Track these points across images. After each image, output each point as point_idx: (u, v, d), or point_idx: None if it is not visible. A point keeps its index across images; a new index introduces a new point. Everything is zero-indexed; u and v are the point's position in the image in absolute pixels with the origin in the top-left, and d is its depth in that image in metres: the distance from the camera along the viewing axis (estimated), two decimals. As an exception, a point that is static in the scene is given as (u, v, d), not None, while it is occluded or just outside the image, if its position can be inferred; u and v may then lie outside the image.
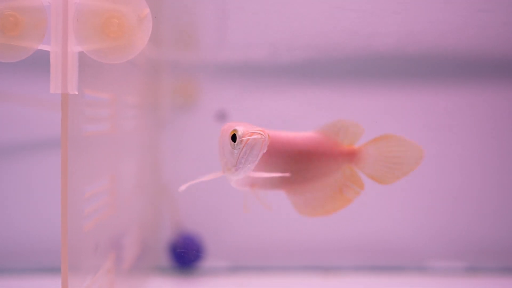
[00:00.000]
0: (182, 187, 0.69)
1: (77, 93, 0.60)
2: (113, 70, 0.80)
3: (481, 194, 1.33)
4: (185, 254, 1.26)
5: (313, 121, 1.30)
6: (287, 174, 0.71)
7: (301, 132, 0.77)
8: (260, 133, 0.63)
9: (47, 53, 0.57)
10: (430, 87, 1.32)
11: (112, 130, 0.82)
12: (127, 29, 0.57)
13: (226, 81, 1.33)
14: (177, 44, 1.32)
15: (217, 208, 1.32)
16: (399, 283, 1.26)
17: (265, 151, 0.66)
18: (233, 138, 0.64)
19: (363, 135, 0.77)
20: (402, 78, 1.33)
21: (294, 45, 1.30)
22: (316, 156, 0.74)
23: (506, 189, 1.33)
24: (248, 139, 0.62)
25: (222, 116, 1.33)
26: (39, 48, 0.57)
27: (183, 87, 1.34)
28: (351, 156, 0.74)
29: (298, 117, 1.33)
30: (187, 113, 1.33)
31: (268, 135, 0.64)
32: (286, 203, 1.30)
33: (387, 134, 0.75)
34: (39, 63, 0.62)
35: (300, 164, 0.74)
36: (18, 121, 1.25)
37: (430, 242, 1.33)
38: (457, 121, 1.33)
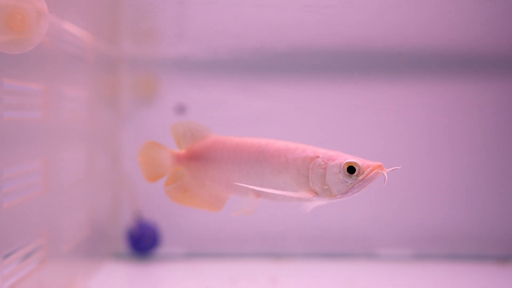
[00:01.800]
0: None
1: (-12, 81, 0.67)
2: (45, 62, 0.86)
3: (426, 184, 1.38)
4: (141, 241, 1.32)
5: (272, 115, 1.36)
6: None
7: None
8: (380, 167, 0.70)
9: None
10: (396, 81, 1.37)
11: (45, 118, 0.88)
12: (28, 24, 0.64)
13: (185, 75, 1.39)
14: (137, 39, 1.38)
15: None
16: (348, 269, 1.30)
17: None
18: (350, 169, 0.68)
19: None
20: (371, 73, 1.38)
21: (252, 40, 1.35)
22: None
23: (450, 178, 1.38)
24: (368, 174, 0.67)
25: (181, 110, 1.39)
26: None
27: (143, 81, 1.40)
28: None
29: (258, 110, 1.38)
30: (147, 106, 1.39)
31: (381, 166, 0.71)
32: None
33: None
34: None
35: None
36: None
37: (378, 231, 1.38)
38: (407, 111, 1.37)
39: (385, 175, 0.68)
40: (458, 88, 1.36)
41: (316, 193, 0.71)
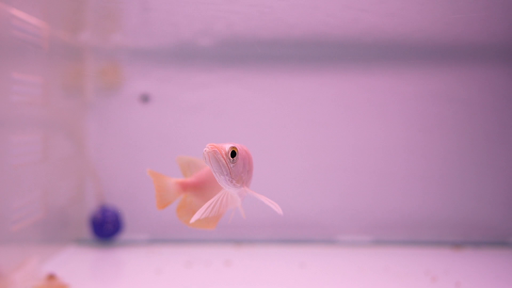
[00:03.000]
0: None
1: None
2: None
3: (385, 171, 1.40)
4: (103, 226, 1.35)
5: (235, 105, 1.39)
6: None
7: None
8: (218, 147, 0.71)
9: None
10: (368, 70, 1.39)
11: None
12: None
13: (150, 65, 1.41)
14: (100, 28, 1.40)
15: (137, 183, 1.40)
16: (306, 253, 1.33)
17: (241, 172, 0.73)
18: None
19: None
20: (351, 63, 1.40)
21: (217, 29, 1.37)
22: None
23: (407, 165, 1.40)
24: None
25: (145, 99, 1.41)
26: None
27: (107, 70, 1.42)
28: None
29: (221, 101, 1.41)
30: (111, 95, 1.42)
31: (235, 152, 0.72)
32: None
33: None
34: None
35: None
36: None
37: (338, 218, 1.41)
38: (364, 98, 1.40)
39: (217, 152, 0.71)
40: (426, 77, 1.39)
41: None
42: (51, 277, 1.03)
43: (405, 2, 1.21)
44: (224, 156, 0.72)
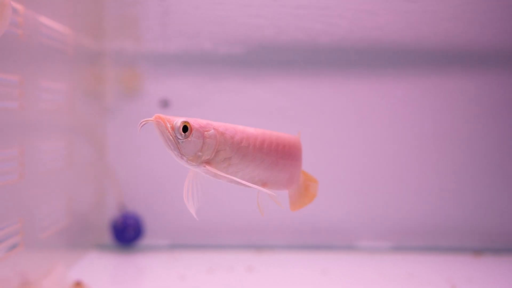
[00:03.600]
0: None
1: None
2: (20, 54, 0.89)
3: (405, 177, 1.40)
4: (125, 232, 1.35)
5: (255, 109, 1.39)
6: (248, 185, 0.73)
7: (284, 134, 0.81)
8: (161, 117, 0.69)
9: None
10: (397, 76, 1.39)
11: (21, 108, 0.91)
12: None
13: (170, 70, 1.41)
14: (121, 33, 1.41)
15: (158, 189, 1.40)
16: (326, 259, 1.33)
17: (185, 142, 0.69)
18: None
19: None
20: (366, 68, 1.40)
21: (236, 37, 1.37)
22: (297, 159, 0.80)
23: (428, 172, 1.40)
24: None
25: (165, 104, 1.42)
26: None
27: (128, 75, 1.42)
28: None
29: (240, 105, 1.41)
30: (131, 100, 1.42)
31: (177, 124, 0.68)
32: (221, 185, 1.39)
33: (316, 182, 0.84)
34: None
35: (299, 165, 0.80)
36: None
37: (358, 224, 1.41)
38: (381, 107, 1.39)
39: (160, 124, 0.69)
40: (442, 84, 1.39)
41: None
42: (78, 284, 1.03)
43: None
44: (170, 130, 0.68)
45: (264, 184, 0.76)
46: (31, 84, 0.95)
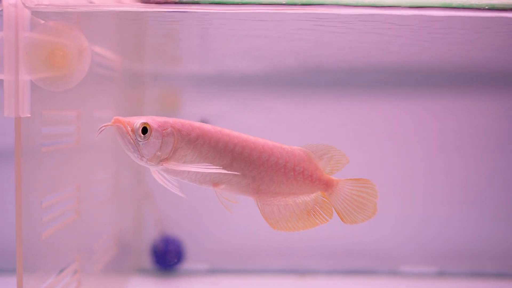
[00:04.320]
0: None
1: (29, 115, 0.67)
2: (79, 89, 0.87)
3: (450, 201, 1.37)
4: (166, 256, 1.33)
5: (291, 132, 1.37)
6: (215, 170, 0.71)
7: (287, 145, 0.77)
8: (119, 120, 0.68)
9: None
10: (415, 96, 1.37)
11: (78, 143, 0.89)
12: (69, 61, 0.65)
13: (208, 91, 1.40)
14: (160, 56, 1.39)
15: (197, 212, 1.38)
16: (371, 286, 1.31)
17: (145, 144, 0.69)
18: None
19: (346, 167, 0.78)
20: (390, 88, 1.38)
21: (274, 58, 1.36)
22: (292, 173, 0.75)
23: (475, 195, 1.37)
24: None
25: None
26: (-6, 77, 0.65)
27: (166, 97, 1.41)
28: (327, 185, 0.76)
29: (276, 127, 1.39)
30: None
31: (136, 125, 0.68)
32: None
33: (365, 179, 0.77)
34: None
35: (273, 174, 0.74)
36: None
37: (402, 248, 1.38)
38: (423, 127, 1.37)
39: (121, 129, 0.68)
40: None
41: None
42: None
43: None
44: (130, 133, 0.67)
45: (215, 184, 0.74)
46: (86, 116, 0.93)
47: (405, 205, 1.38)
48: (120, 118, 0.67)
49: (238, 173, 0.74)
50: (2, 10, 0.65)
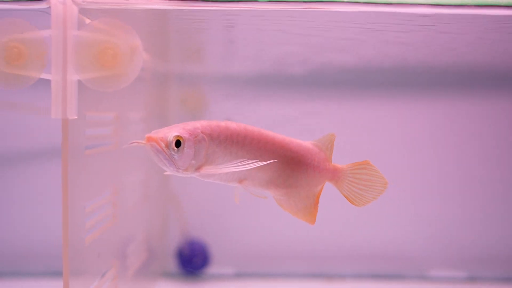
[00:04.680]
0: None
1: (76, 117, 0.65)
2: (117, 90, 0.85)
3: (482, 204, 1.35)
4: (192, 260, 1.31)
5: (317, 130, 1.34)
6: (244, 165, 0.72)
7: (298, 140, 0.79)
8: (153, 139, 0.66)
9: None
10: (428, 97, 1.35)
11: (115, 146, 0.87)
12: (120, 60, 0.62)
13: (233, 91, 1.37)
14: (185, 56, 1.37)
15: (222, 216, 1.36)
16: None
17: (179, 156, 0.68)
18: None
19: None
20: (404, 89, 1.36)
21: (297, 58, 1.34)
22: (305, 166, 0.77)
23: (507, 198, 1.35)
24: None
25: (228, 126, 1.37)
26: (41, 77, 0.63)
27: (191, 97, 1.38)
28: (334, 174, 0.78)
29: (303, 126, 1.36)
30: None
31: (170, 139, 0.67)
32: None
33: (366, 161, 0.78)
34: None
35: (289, 169, 0.77)
36: (22, 129, 1.31)
37: (431, 251, 1.36)
38: (453, 129, 1.35)
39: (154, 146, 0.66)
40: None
41: None
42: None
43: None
44: (165, 149, 0.66)
45: (240, 181, 0.75)
46: (123, 118, 0.90)
47: (435, 208, 1.36)
48: (152, 135, 0.66)
49: (271, 162, 0.75)
50: (49, 7, 0.63)
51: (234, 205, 1.34)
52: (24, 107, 1.24)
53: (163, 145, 0.66)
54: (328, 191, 1.32)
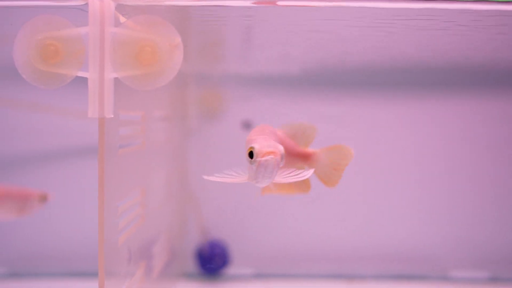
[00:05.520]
0: (206, 177, 0.74)
1: (112, 116, 0.64)
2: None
3: (504, 203, 1.34)
4: (212, 261, 1.30)
5: (336, 131, 1.33)
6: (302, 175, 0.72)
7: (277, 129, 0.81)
8: (273, 152, 0.65)
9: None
10: (434, 96, 1.34)
11: (143, 145, 0.86)
12: (159, 57, 0.61)
13: (252, 91, 1.36)
14: (204, 56, 1.36)
15: (242, 216, 1.35)
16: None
17: (281, 165, 0.68)
18: (250, 154, 0.66)
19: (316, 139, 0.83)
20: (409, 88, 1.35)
21: (316, 59, 1.33)
22: (290, 152, 0.79)
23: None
24: (261, 160, 0.65)
25: (247, 125, 1.36)
26: (78, 75, 0.62)
27: (210, 97, 1.37)
28: (307, 157, 0.80)
29: (321, 127, 1.35)
30: (213, 122, 1.37)
31: (283, 151, 0.67)
32: (310, 212, 1.34)
33: (340, 144, 0.81)
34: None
35: (287, 158, 0.77)
36: (56, 130, 1.31)
37: (452, 251, 1.35)
38: (469, 128, 1.34)
39: (278, 159, 0.67)
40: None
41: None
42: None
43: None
44: (280, 160, 0.67)
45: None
46: (149, 117, 0.89)
47: (456, 207, 1.34)
48: (272, 149, 0.66)
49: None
50: (86, 4, 0.62)
51: (254, 205, 1.34)
52: (60, 110, 1.24)
53: (279, 158, 0.66)
54: (346, 192, 1.32)
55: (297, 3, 0.81)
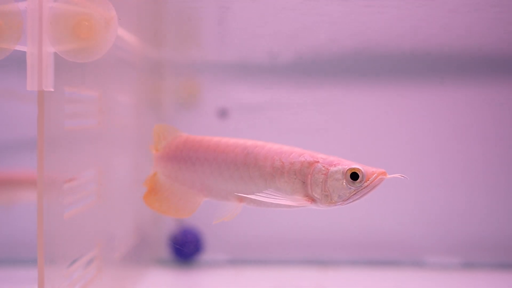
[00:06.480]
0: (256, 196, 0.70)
1: (52, 90, 0.65)
2: (99, 68, 0.85)
3: (476, 190, 1.34)
4: (184, 247, 1.31)
5: (312, 119, 1.34)
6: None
7: None
8: (383, 174, 0.68)
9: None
10: (429, 85, 1.34)
11: (100, 126, 0.87)
12: (95, 31, 0.62)
13: (228, 79, 1.37)
14: (180, 44, 1.36)
15: (215, 202, 1.35)
16: (395, 278, 1.27)
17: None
18: (353, 176, 0.67)
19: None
20: (402, 76, 1.35)
21: (292, 46, 1.33)
22: None
23: (501, 185, 1.34)
24: (373, 180, 0.67)
25: (223, 114, 1.37)
26: (16, 48, 0.63)
27: (186, 86, 1.38)
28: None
29: (297, 115, 1.36)
30: (189, 110, 1.37)
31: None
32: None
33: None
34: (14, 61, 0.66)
35: None
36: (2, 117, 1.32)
37: (426, 237, 1.35)
38: (451, 118, 1.34)
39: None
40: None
41: (313, 200, 0.69)
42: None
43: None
44: None
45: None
46: (108, 99, 0.90)
47: (428, 193, 1.35)
48: (380, 169, 0.68)
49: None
50: (25, -20, 0.63)
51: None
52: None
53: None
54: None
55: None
